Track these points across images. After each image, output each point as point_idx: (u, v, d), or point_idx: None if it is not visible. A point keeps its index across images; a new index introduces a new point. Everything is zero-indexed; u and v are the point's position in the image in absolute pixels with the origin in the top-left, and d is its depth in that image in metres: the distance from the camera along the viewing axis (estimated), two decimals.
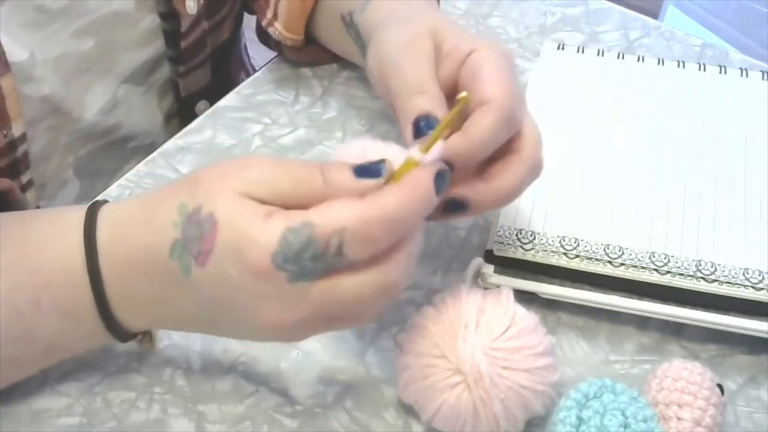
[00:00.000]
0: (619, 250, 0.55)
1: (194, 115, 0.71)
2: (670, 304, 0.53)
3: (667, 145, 0.62)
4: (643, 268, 0.54)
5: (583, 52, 0.70)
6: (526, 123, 0.48)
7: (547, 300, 0.54)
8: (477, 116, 0.45)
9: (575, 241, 0.55)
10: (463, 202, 0.47)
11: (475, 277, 0.53)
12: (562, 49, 0.70)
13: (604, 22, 0.78)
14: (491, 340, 0.46)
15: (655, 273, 0.54)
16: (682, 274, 0.54)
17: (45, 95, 0.62)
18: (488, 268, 0.54)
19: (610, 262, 0.54)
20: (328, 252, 0.40)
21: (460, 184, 0.47)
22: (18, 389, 0.51)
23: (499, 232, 0.56)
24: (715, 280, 0.53)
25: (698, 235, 0.56)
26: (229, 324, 0.45)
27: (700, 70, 0.69)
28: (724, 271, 0.54)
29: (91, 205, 0.47)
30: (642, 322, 0.55)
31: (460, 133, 0.45)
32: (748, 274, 0.53)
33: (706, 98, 0.66)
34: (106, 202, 0.47)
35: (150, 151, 0.66)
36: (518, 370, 0.46)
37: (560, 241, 0.55)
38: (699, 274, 0.54)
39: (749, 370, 0.53)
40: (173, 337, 0.54)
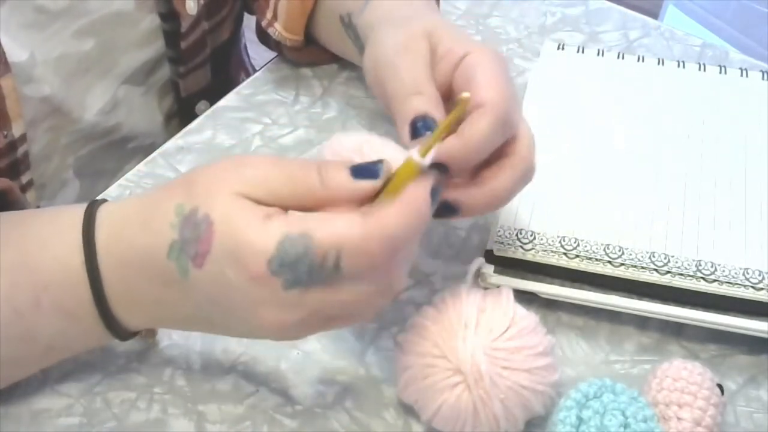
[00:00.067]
0: (619, 250, 0.55)
1: (194, 116, 0.71)
2: (670, 304, 0.53)
3: (667, 145, 0.62)
4: (643, 268, 0.54)
5: (583, 52, 0.70)
6: (521, 127, 0.48)
7: (547, 300, 0.54)
8: (473, 119, 0.45)
9: (575, 241, 0.55)
10: (454, 206, 0.47)
11: (475, 277, 0.53)
12: (562, 49, 0.70)
13: (604, 22, 0.78)
14: (491, 340, 0.46)
15: (655, 273, 0.54)
16: (682, 274, 0.54)
17: (45, 96, 0.62)
18: (488, 268, 0.54)
19: (610, 262, 0.54)
20: (325, 266, 0.40)
21: (453, 187, 0.47)
22: (18, 389, 0.51)
23: (499, 232, 0.56)
24: (715, 280, 0.53)
25: (698, 235, 0.56)
26: (227, 323, 0.45)
27: (700, 70, 0.69)
28: (724, 271, 0.54)
29: (89, 205, 0.47)
30: (642, 322, 0.55)
31: (456, 136, 0.45)
32: (748, 274, 0.53)
33: (706, 98, 0.66)
34: (104, 202, 0.47)
35: (150, 151, 0.66)
36: (518, 370, 0.46)
37: (560, 241, 0.55)
38: (699, 274, 0.54)
39: (749, 370, 0.53)
40: (173, 337, 0.54)
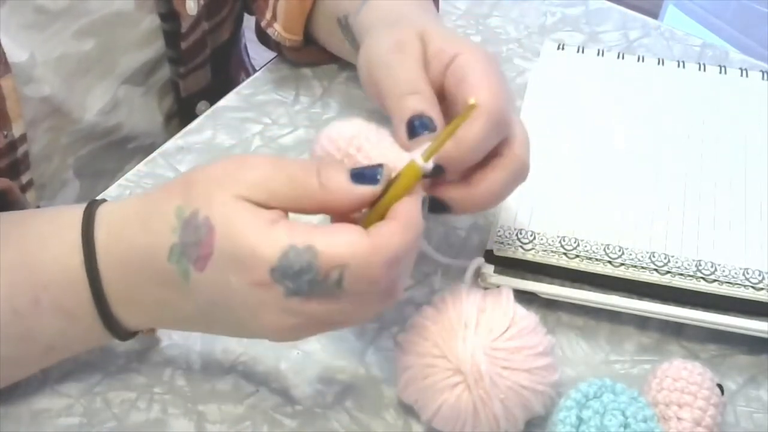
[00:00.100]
0: (619, 250, 0.55)
1: (194, 116, 0.71)
2: (670, 304, 0.53)
3: (667, 145, 0.62)
4: (643, 268, 0.54)
5: (583, 52, 0.70)
6: (515, 126, 0.48)
7: (547, 300, 0.54)
8: (467, 121, 0.45)
9: (575, 241, 0.55)
10: (445, 204, 0.47)
11: (475, 277, 0.53)
12: (562, 49, 0.70)
13: (604, 22, 0.78)
14: (491, 340, 0.46)
15: (655, 273, 0.54)
16: (682, 274, 0.54)
17: (45, 96, 0.62)
18: (488, 268, 0.54)
19: (610, 262, 0.54)
20: (328, 281, 0.40)
21: (446, 185, 0.47)
22: (18, 389, 0.51)
23: (499, 232, 0.56)
24: (715, 280, 0.53)
25: (698, 235, 0.56)
26: (228, 325, 0.45)
27: (700, 70, 0.69)
28: (724, 271, 0.54)
29: (88, 205, 0.47)
30: (642, 322, 0.55)
31: (451, 139, 0.45)
32: (748, 274, 0.53)
33: (706, 98, 0.66)
34: (103, 201, 0.47)
35: (150, 151, 0.66)
36: (518, 370, 0.46)
37: (560, 241, 0.55)
38: (699, 274, 0.54)
39: (749, 370, 0.53)
40: (173, 337, 0.54)
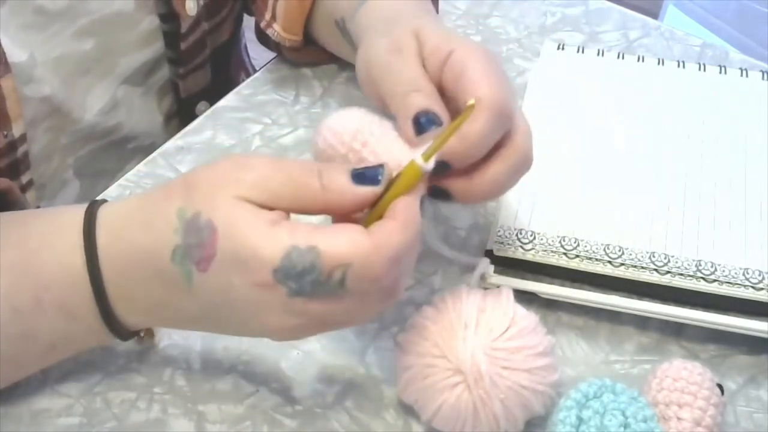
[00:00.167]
0: (619, 250, 0.55)
1: (194, 116, 0.71)
2: (670, 304, 0.53)
3: (667, 145, 0.62)
4: (643, 268, 0.54)
5: (583, 52, 0.70)
6: (517, 118, 0.47)
7: (547, 300, 0.54)
8: (470, 117, 0.45)
9: (575, 241, 0.55)
10: (449, 193, 0.47)
11: (480, 278, 0.53)
12: (562, 49, 0.70)
13: (604, 22, 0.78)
14: (491, 340, 0.46)
15: (655, 273, 0.54)
16: (682, 274, 0.54)
17: (45, 96, 0.62)
18: (488, 268, 0.54)
19: (610, 262, 0.54)
20: (330, 281, 0.40)
21: (450, 175, 0.46)
22: (18, 389, 0.51)
23: (499, 232, 0.56)
24: (715, 280, 0.53)
25: (698, 235, 0.56)
26: (230, 325, 0.45)
27: (700, 70, 0.69)
28: (724, 271, 0.54)
29: (89, 205, 0.47)
30: (642, 322, 0.55)
31: (455, 135, 0.45)
32: (748, 274, 0.53)
33: (706, 98, 0.66)
34: (104, 202, 0.47)
35: (150, 151, 0.66)
36: (518, 370, 0.46)
37: (560, 241, 0.55)
38: (699, 274, 0.54)
39: (749, 370, 0.53)
40: (173, 337, 0.54)
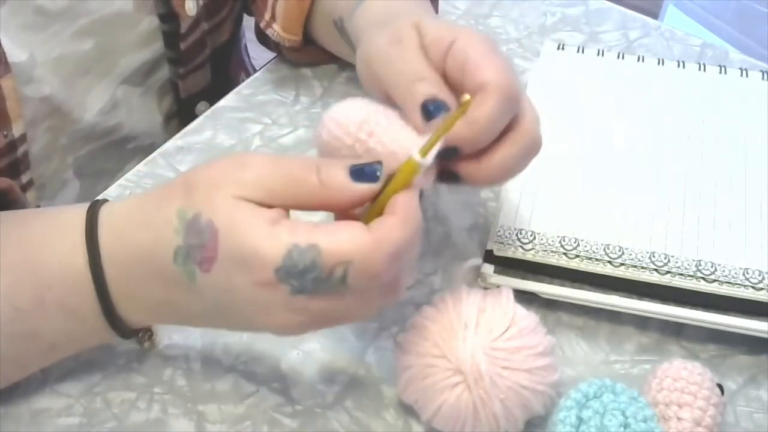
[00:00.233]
0: (619, 250, 0.55)
1: (194, 116, 0.71)
2: (670, 304, 0.53)
3: (667, 145, 0.62)
4: (643, 268, 0.54)
5: (583, 52, 0.70)
6: (524, 101, 0.47)
7: (547, 300, 0.54)
8: (477, 101, 0.45)
9: (575, 241, 0.55)
10: (457, 175, 0.47)
11: (474, 276, 0.53)
12: (562, 49, 0.70)
13: (604, 22, 0.78)
14: (491, 340, 0.46)
15: (655, 273, 0.54)
16: (682, 274, 0.54)
17: (45, 96, 0.62)
18: (488, 268, 0.54)
19: (610, 262, 0.54)
20: (332, 279, 0.40)
21: (458, 159, 0.46)
22: (18, 389, 0.51)
23: (499, 232, 0.56)
24: (715, 280, 0.53)
25: (698, 235, 0.56)
26: (234, 322, 0.45)
27: (700, 70, 0.69)
28: (724, 271, 0.54)
29: (91, 206, 0.47)
30: (642, 322, 0.55)
31: (463, 119, 0.44)
32: (748, 274, 0.53)
33: (706, 98, 0.66)
34: (105, 201, 0.47)
35: (150, 151, 0.66)
36: (518, 370, 0.46)
37: (560, 241, 0.55)
38: (699, 274, 0.54)
39: (749, 370, 0.53)
40: (173, 337, 0.54)
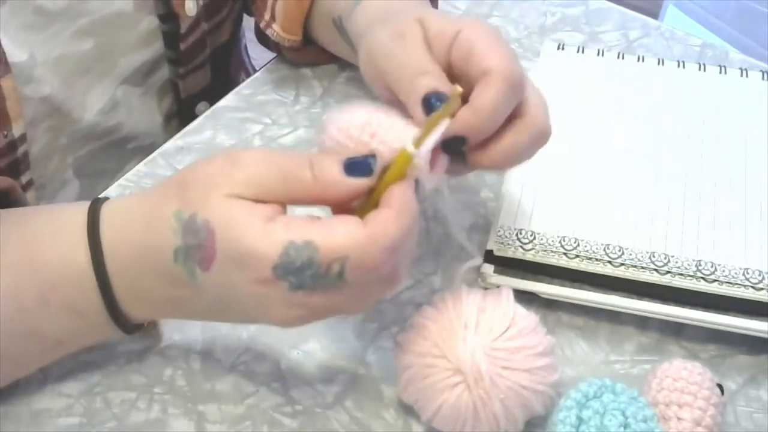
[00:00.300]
0: (619, 250, 0.55)
1: (194, 116, 0.71)
2: (670, 304, 0.53)
3: (667, 145, 0.62)
4: (643, 268, 0.54)
5: (583, 52, 0.70)
6: (529, 89, 0.47)
7: (547, 300, 0.54)
8: (481, 88, 0.45)
9: (575, 241, 0.55)
10: (464, 140, 0.46)
11: (474, 276, 0.53)
12: (562, 49, 0.70)
13: (604, 22, 0.78)
14: (491, 340, 0.46)
15: (655, 273, 0.54)
16: (682, 274, 0.54)
17: (45, 96, 0.62)
18: (488, 268, 0.54)
19: (610, 262, 0.54)
20: (330, 274, 0.40)
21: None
22: (18, 389, 0.51)
23: (499, 232, 0.56)
24: (715, 280, 0.53)
25: (698, 235, 0.56)
26: (236, 317, 0.46)
27: (700, 70, 0.69)
28: (724, 271, 0.54)
29: (92, 203, 0.47)
30: (642, 322, 0.55)
31: (468, 107, 0.45)
32: (748, 274, 0.53)
33: (706, 98, 0.66)
34: (106, 199, 0.47)
35: (150, 151, 0.66)
36: (518, 370, 0.46)
37: (560, 241, 0.55)
38: (699, 274, 0.54)
39: (749, 370, 0.53)
40: (173, 337, 0.54)
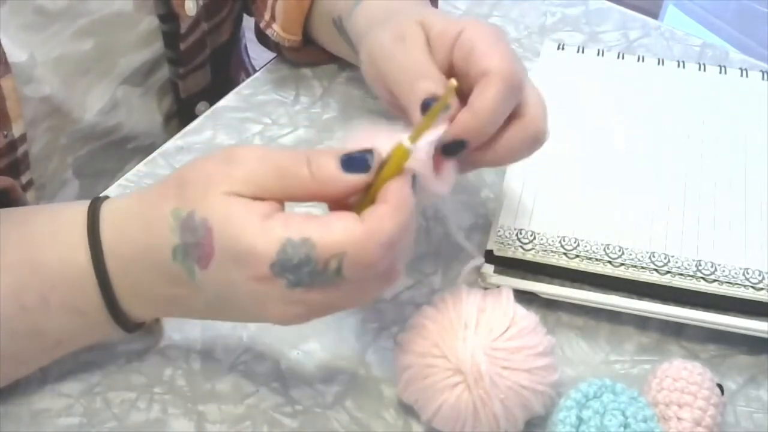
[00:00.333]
0: (619, 250, 0.55)
1: (194, 116, 0.71)
2: (670, 304, 0.53)
3: (667, 145, 0.62)
4: (643, 268, 0.54)
5: (583, 52, 0.70)
6: (529, 90, 0.47)
7: (547, 300, 0.54)
8: (480, 89, 0.45)
9: (575, 241, 0.55)
10: (463, 143, 0.46)
11: (474, 276, 0.53)
12: (562, 49, 0.70)
13: (604, 22, 0.78)
14: (491, 340, 0.46)
15: (655, 273, 0.54)
16: (682, 274, 0.54)
17: (45, 96, 0.62)
18: (488, 268, 0.54)
19: (610, 262, 0.54)
20: (327, 271, 0.40)
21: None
22: (18, 389, 0.51)
23: (499, 232, 0.56)
24: (715, 280, 0.53)
25: (698, 235, 0.56)
26: (235, 315, 0.46)
27: (700, 70, 0.69)
28: (724, 271, 0.53)
29: (92, 202, 0.47)
30: (642, 322, 0.55)
31: (467, 110, 0.45)
32: (748, 274, 0.53)
33: (706, 98, 0.66)
34: (106, 198, 0.47)
35: (149, 151, 0.66)
36: (518, 370, 0.46)
37: (560, 241, 0.55)
38: (699, 274, 0.53)
39: (749, 370, 0.53)
40: (173, 337, 0.54)
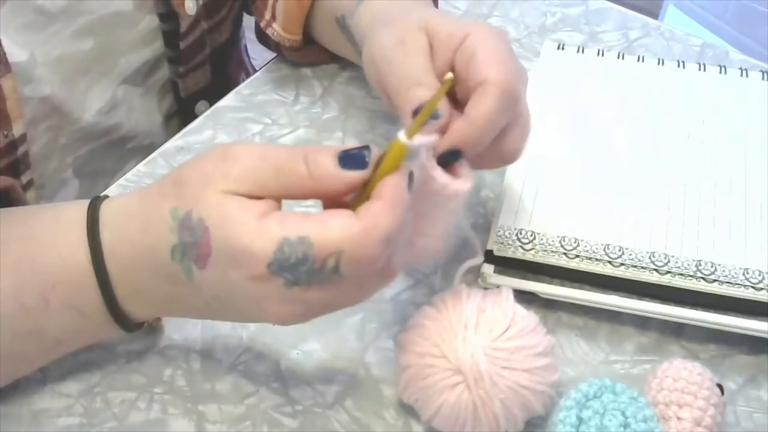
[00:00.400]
0: (619, 250, 0.55)
1: (194, 116, 0.71)
2: (670, 304, 0.53)
3: (667, 145, 0.62)
4: (643, 268, 0.54)
5: (583, 52, 0.70)
6: (521, 106, 0.47)
7: (547, 300, 0.54)
8: (476, 98, 0.45)
9: (575, 241, 0.55)
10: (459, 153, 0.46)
11: (474, 276, 0.53)
12: (562, 49, 0.70)
13: (604, 22, 0.78)
14: (491, 340, 0.46)
15: (655, 273, 0.54)
16: (682, 274, 0.54)
17: (45, 96, 0.62)
18: (488, 268, 0.54)
19: (610, 262, 0.54)
20: (325, 269, 0.40)
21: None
22: (18, 389, 0.51)
23: (499, 232, 0.56)
24: (715, 280, 0.53)
25: (698, 235, 0.56)
26: (234, 315, 0.46)
27: (700, 70, 0.69)
28: (724, 271, 0.53)
29: (91, 202, 0.47)
30: (642, 322, 0.55)
31: (463, 119, 0.45)
32: (748, 274, 0.53)
33: (706, 98, 0.66)
34: (106, 198, 0.47)
35: (149, 151, 0.66)
36: (518, 370, 0.46)
37: (560, 241, 0.55)
38: (699, 274, 0.54)
39: (749, 370, 0.53)
40: (173, 337, 0.54)
